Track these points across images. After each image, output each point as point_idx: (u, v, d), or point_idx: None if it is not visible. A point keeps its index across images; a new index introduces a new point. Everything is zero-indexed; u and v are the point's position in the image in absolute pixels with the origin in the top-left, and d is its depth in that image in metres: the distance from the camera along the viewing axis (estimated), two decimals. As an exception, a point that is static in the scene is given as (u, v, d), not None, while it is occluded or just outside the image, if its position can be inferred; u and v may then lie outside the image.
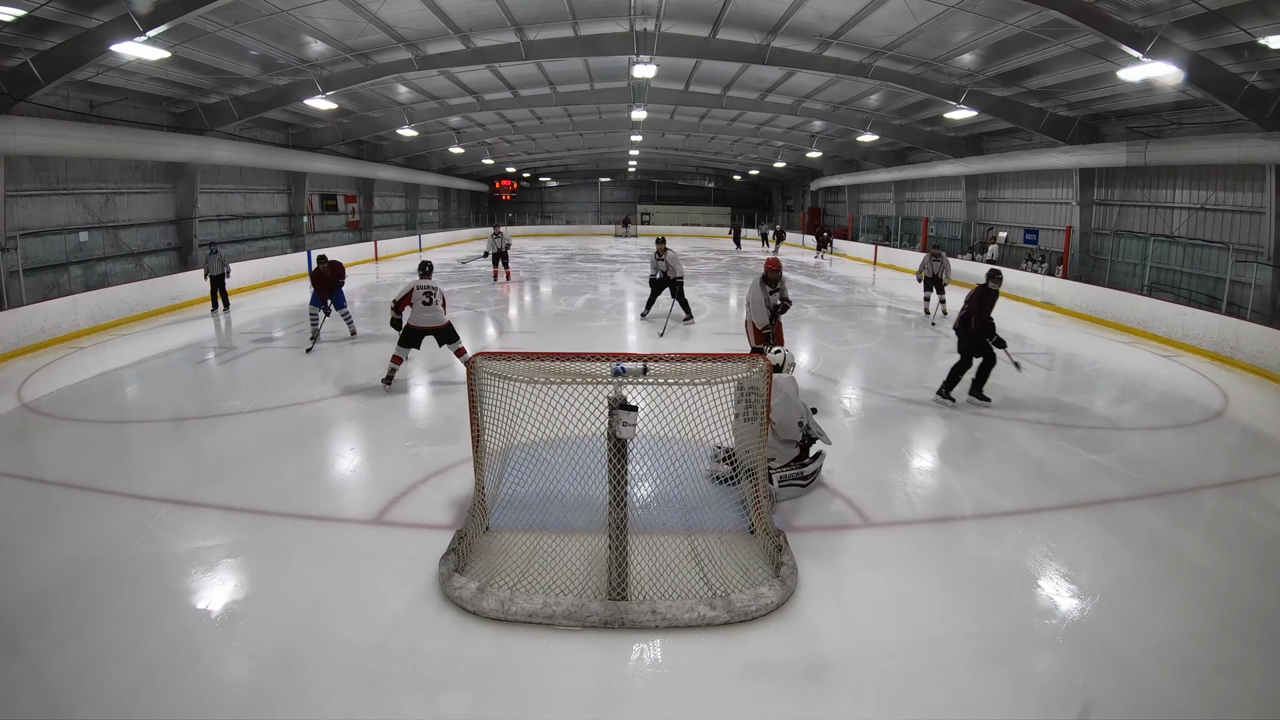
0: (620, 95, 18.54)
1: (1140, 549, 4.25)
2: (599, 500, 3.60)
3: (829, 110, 19.17)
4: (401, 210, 30.15)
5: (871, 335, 10.92)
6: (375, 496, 4.79)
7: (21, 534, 4.25)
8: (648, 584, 3.56)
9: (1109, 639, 3.32)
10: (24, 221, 11.86)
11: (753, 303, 7.61)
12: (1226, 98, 10.28)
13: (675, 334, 10.60)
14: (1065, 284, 14.16)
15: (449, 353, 7.88)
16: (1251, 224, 12.26)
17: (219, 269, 12.22)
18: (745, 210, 39.48)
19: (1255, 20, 8.79)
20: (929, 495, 4.98)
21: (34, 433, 6.24)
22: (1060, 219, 17.14)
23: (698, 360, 3.72)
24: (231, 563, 3.92)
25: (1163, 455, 5.96)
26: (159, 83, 13.21)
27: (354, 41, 12.60)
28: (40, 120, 10.93)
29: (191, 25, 10.16)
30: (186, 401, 7.01)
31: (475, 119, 22.19)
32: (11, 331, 9.09)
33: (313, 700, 2.88)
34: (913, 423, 6.61)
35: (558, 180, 41.81)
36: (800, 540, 4.15)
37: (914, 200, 25.12)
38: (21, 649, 3.15)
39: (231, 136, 16.12)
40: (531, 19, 12.59)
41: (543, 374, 3.60)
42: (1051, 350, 10.21)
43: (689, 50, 13.32)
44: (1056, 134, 15.06)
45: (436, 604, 3.51)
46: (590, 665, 3.14)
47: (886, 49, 13.00)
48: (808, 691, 2.99)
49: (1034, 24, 10.38)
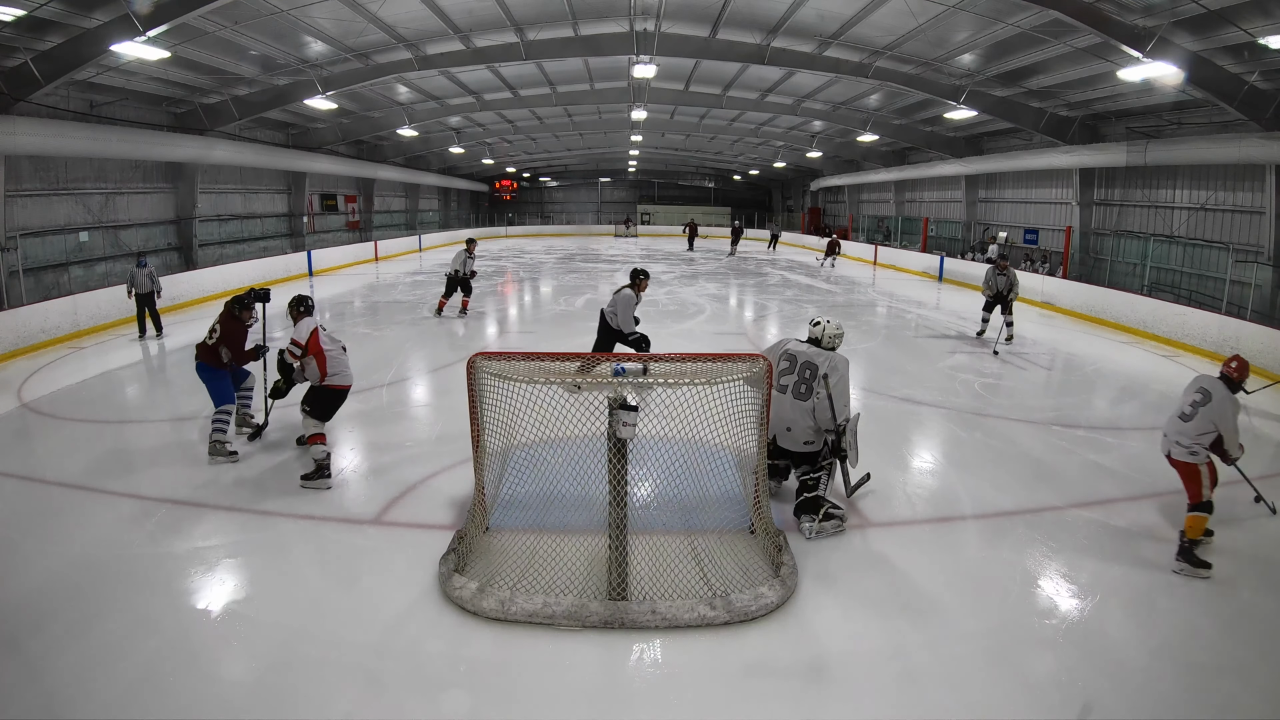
0: (620, 95, 18.54)
1: (1140, 549, 4.24)
2: (599, 500, 3.60)
3: (829, 110, 19.17)
4: (401, 210, 30.16)
5: (871, 335, 10.92)
6: (375, 496, 4.79)
7: (21, 534, 4.25)
8: (648, 584, 3.56)
9: (1109, 639, 3.32)
10: (24, 221, 11.86)
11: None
12: (1226, 98, 10.28)
13: (676, 333, 10.59)
14: (1065, 284, 14.16)
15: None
16: (1251, 224, 12.26)
17: (147, 285, 9.91)
18: (746, 210, 39.44)
19: (1255, 20, 8.79)
20: (929, 495, 4.98)
21: (34, 433, 6.24)
22: (1060, 219, 17.15)
23: (698, 360, 3.72)
24: (231, 563, 3.92)
25: (1163, 455, 5.94)
26: (159, 83, 13.21)
27: (354, 41, 12.60)
28: (40, 120, 10.93)
29: (191, 25, 10.16)
30: (186, 401, 7.00)
31: (475, 119, 22.19)
32: (11, 331, 9.09)
33: (313, 700, 2.88)
34: (913, 423, 6.60)
35: (558, 180, 41.81)
36: (800, 540, 4.15)
37: (914, 200, 25.13)
38: (21, 649, 3.15)
39: (231, 136, 16.13)
40: (531, 19, 12.59)
41: (543, 374, 3.60)
42: (1052, 350, 10.21)
43: (689, 50, 13.32)
44: (1056, 134, 15.07)
45: (436, 604, 3.51)
46: (590, 665, 3.14)
47: (886, 49, 13.00)
48: (808, 691, 2.99)
49: (1034, 24, 10.38)
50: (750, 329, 11.54)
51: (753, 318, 12.66)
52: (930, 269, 19.60)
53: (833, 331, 4.54)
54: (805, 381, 4.39)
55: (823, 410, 4.32)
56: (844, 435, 4.35)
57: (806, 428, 4.39)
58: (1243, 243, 12.28)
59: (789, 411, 4.41)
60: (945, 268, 18.87)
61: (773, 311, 13.17)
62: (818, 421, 4.36)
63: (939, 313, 13.47)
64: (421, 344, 9.85)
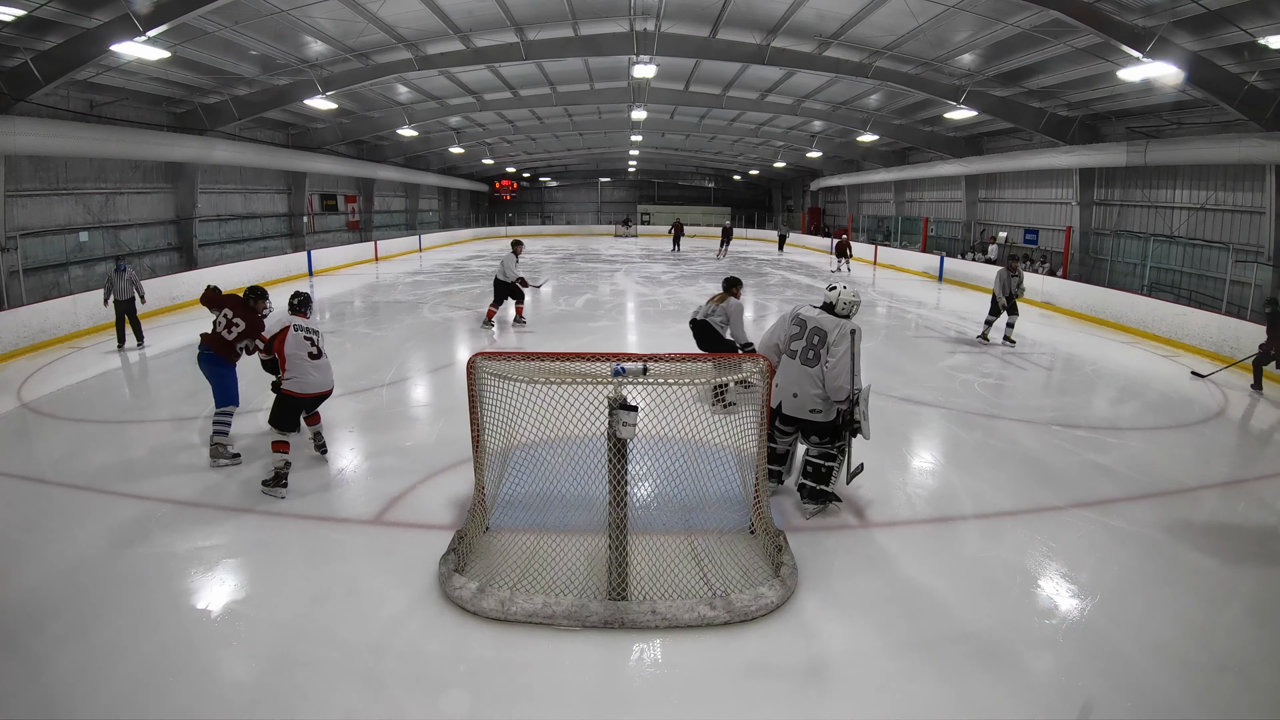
0: (620, 95, 18.54)
1: (1140, 549, 4.25)
2: (599, 500, 3.59)
3: (829, 110, 19.17)
4: (401, 210, 30.16)
5: (871, 335, 10.90)
6: (375, 496, 4.78)
7: (21, 534, 4.24)
8: (648, 584, 3.56)
9: (1109, 639, 3.32)
10: (24, 221, 11.86)
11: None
12: (1226, 98, 10.28)
13: (676, 333, 10.58)
14: (1065, 284, 14.16)
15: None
16: (1251, 224, 12.26)
17: (127, 292, 9.15)
18: (746, 210, 39.44)
19: (1255, 20, 8.79)
20: (929, 495, 4.98)
21: (34, 433, 6.24)
22: (1060, 219, 17.15)
23: (698, 360, 3.72)
24: (231, 563, 3.92)
25: (1163, 455, 5.96)
26: (159, 83, 13.21)
27: (354, 41, 12.60)
28: (40, 120, 10.92)
29: (191, 25, 10.15)
30: (186, 401, 7.00)
31: (475, 119, 22.19)
32: (11, 331, 9.09)
33: (313, 700, 2.87)
34: (913, 423, 6.60)
35: (558, 180, 41.82)
36: (800, 540, 4.15)
37: (914, 200, 25.13)
38: (21, 649, 3.14)
39: (231, 136, 16.12)
40: (531, 19, 12.59)
41: (543, 374, 3.60)
42: (1052, 350, 10.21)
43: (689, 50, 13.32)
44: (1056, 134, 15.07)
45: (436, 604, 3.51)
46: (590, 665, 3.13)
47: (886, 49, 13.00)
48: (808, 691, 2.99)
49: (1034, 24, 10.38)
50: (750, 329, 11.50)
51: (753, 318, 12.65)
52: (930, 269, 19.60)
53: (848, 298, 4.45)
54: (814, 347, 4.35)
55: (831, 378, 4.24)
56: (856, 405, 4.30)
57: (813, 395, 4.34)
58: (1243, 243, 12.28)
59: (796, 376, 4.37)
60: (945, 268, 18.88)
61: (772, 311, 13.17)
62: (826, 390, 4.29)
63: (939, 313, 13.47)
64: (421, 344, 9.84)
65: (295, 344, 4.87)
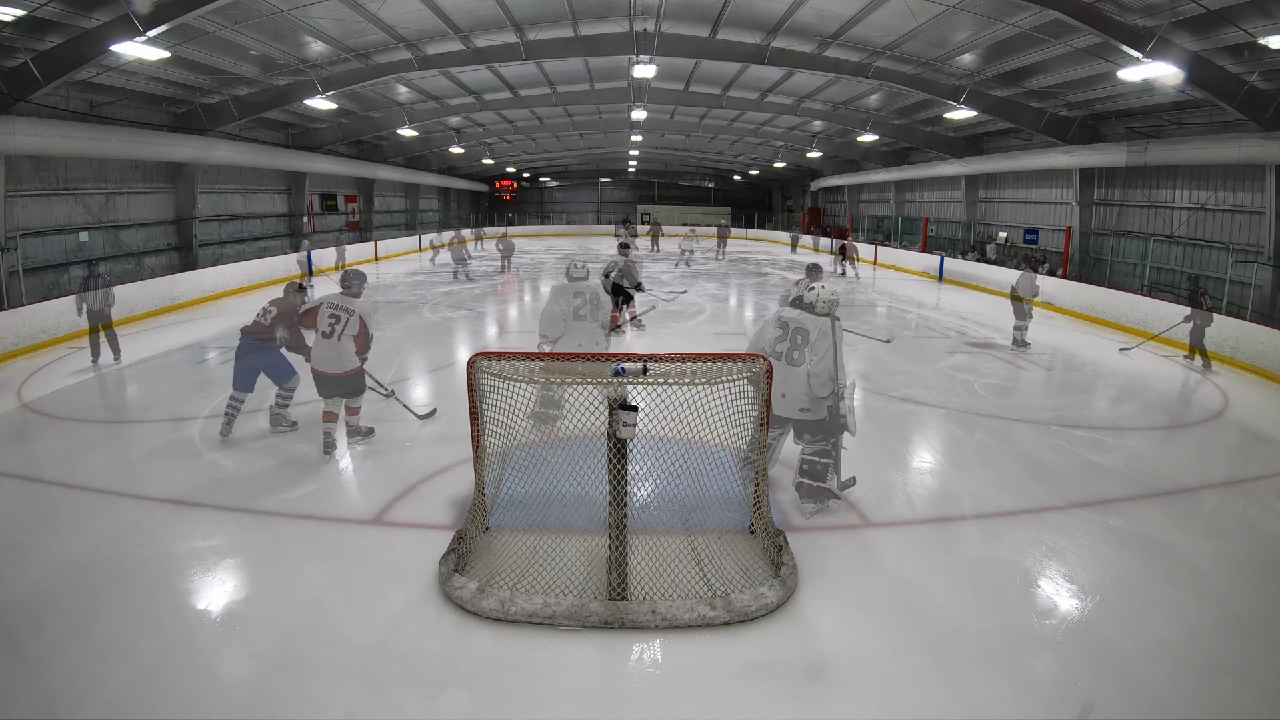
0: (620, 95, 18.53)
1: (1140, 549, 4.24)
2: (599, 500, 3.59)
3: (829, 110, 19.16)
4: (401, 210, 30.15)
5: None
6: (375, 496, 4.78)
7: (22, 534, 4.24)
8: (648, 584, 3.56)
9: (1109, 639, 3.31)
10: (24, 221, 11.85)
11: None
12: (1226, 98, 10.28)
13: (676, 333, 10.59)
14: (1065, 284, 14.16)
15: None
16: (1251, 224, 12.26)
17: (103, 301, 8.30)
18: (746, 210, 39.41)
19: (1255, 20, 8.79)
20: (929, 495, 4.98)
21: (34, 433, 6.24)
22: (1060, 219, 17.15)
23: (698, 360, 3.72)
24: (231, 563, 3.92)
25: (1163, 455, 5.96)
26: (159, 83, 13.20)
27: (354, 41, 12.60)
28: (40, 120, 10.92)
29: (191, 25, 10.15)
30: (186, 401, 7.00)
31: (475, 119, 22.18)
32: (11, 331, 9.08)
33: (313, 700, 2.87)
34: (913, 423, 6.60)
35: (558, 180, 41.78)
36: (800, 540, 4.15)
37: (914, 200, 25.12)
38: (21, 649, 3.14)
39: (231, 136, 16.12)
40: (531, 19, 12.58)
41: (543, 374, 3.60)
42: (1052, 350, 10.20)
43: (689, 50, 13.31)
44: (1056, 134, 15.06)
45: (436, 604, 3.51)
46: (590, 665, 3.14)
47: (886, 49, 12.99)
48: (808, 691, 2.99)
49: (1034, 24, 10.37)
50: (750, 329, 11.52)
51: (753, 318, 12.65)
52: (930, 269, 19.60)
53: (826, 297, 4.52)
54: (797, 347, 4.44)
55: (815, 375, 4.31)
56: (841, 400, 4.36)
57: (801, 394, 4.40)
58: (1243, 243, 12.28)
59: (782, 376, 4.40)
60: (945, 268, 18.87)
61: (772, 311, 13.15)
62: (812, 385, 4.34)
63: (939, 313, 13.47)
64: (421, 344, 9.85)
65: (320, 319, 5.34)
